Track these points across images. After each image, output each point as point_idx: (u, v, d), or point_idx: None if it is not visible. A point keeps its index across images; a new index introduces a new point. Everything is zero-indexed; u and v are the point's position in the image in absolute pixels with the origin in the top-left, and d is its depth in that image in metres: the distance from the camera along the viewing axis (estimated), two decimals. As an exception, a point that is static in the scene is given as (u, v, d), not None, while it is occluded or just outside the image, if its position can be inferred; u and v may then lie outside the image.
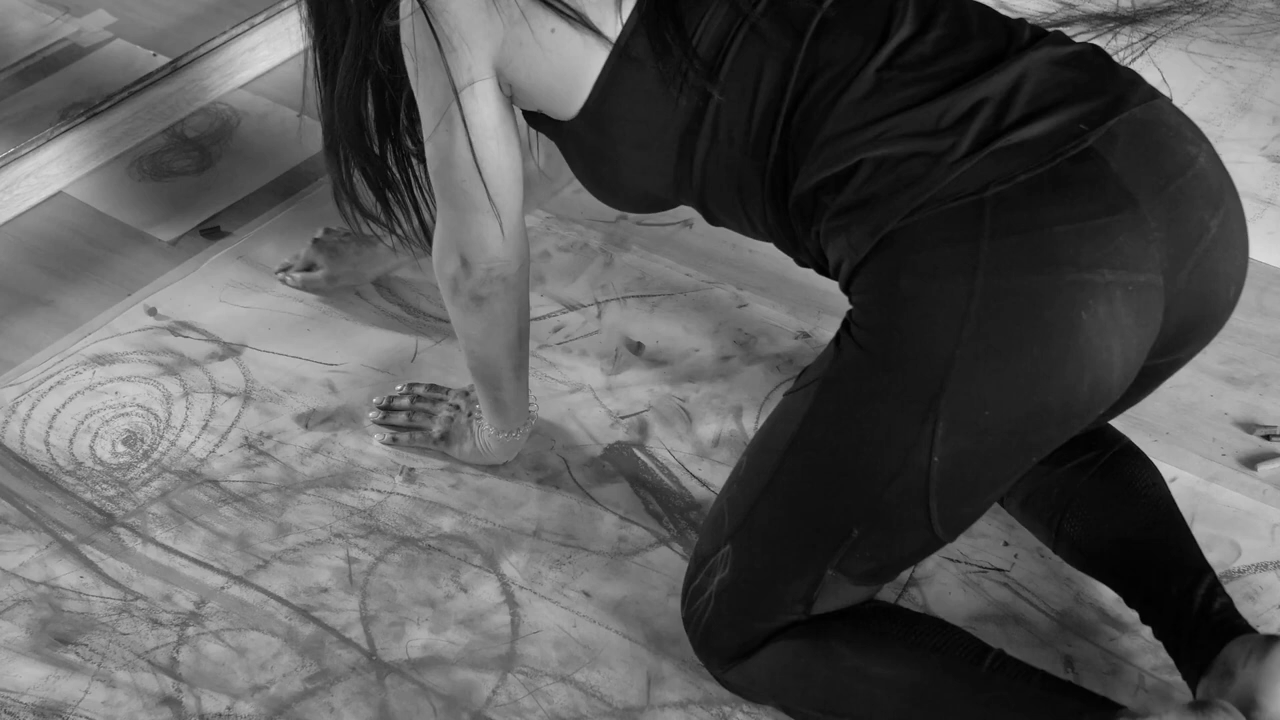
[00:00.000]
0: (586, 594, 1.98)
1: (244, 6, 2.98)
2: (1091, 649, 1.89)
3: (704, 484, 2.10)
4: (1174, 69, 2.78)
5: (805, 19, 1.66)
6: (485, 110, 1.76)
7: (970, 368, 1.54)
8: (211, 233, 2.55)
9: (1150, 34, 2.87)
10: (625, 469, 2.13)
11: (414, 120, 1.86)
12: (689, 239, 2.46)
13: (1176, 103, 2.68)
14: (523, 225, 1.88)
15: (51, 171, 2.64)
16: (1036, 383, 1.54)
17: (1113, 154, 1.57)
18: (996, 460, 1.60)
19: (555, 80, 1.73)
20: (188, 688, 1.89)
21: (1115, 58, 1.67)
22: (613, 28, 1.70)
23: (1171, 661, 1.78)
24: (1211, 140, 1.69)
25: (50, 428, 2.22)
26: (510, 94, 1.78)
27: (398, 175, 1.94)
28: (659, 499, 2.09)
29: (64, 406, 2.25)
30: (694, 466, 2.12)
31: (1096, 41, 2.86)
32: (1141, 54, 2.82)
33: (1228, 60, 2.80)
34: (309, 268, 2.38)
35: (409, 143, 1.91)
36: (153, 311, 2.39)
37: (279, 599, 1.99)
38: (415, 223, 1.98)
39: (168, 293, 2.43)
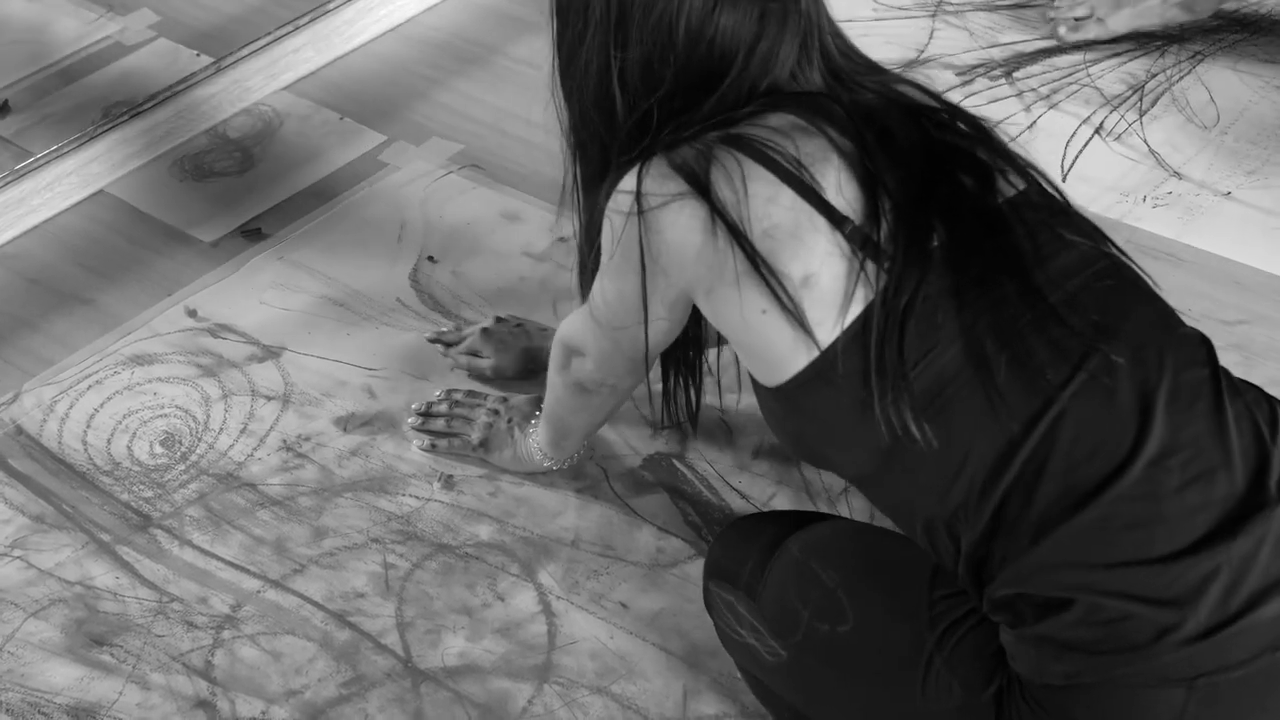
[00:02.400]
0: (624, 605, 1.96)
1: (288, 8, 2.97)
2: None
3: (744, 496, 2.08)
4: (1221, 88, 2.76)
5: (1044, 404, 1.47)
6: (664, 318, 1.67)
7: None
8: (253, 234, 2.55)
9: (1198, 52, 2.85)
10: (664, 480, 2.12)
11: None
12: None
13: (1222, 124, 2.68)
14: (654, 363, 1.79)
15: (93, 170, 2.64)
16: None
17: None
18: None
19: (750, 352, 1.58)
20: (222, 691, 1.89)
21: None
22: (829, 330, 1.51)
23: None
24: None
25: (88, 427, 2.22)
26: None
27: None
28: (698, 510, 2.07)
29: (102, 406, 2.25)
30: (734, 479, 2.11)
31: (1143, 55, 2.84)
32: (1189, 72, 2.80)
33: (1276, 80, 2.78)
34: (473, 353, 2.26)
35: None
36: (193, 313, 2.39)
37: (315, 603, 1.98)
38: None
39: (208, 294, 2.43)
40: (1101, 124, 2.70)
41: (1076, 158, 2.63)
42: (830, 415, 1.55)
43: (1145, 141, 2.66)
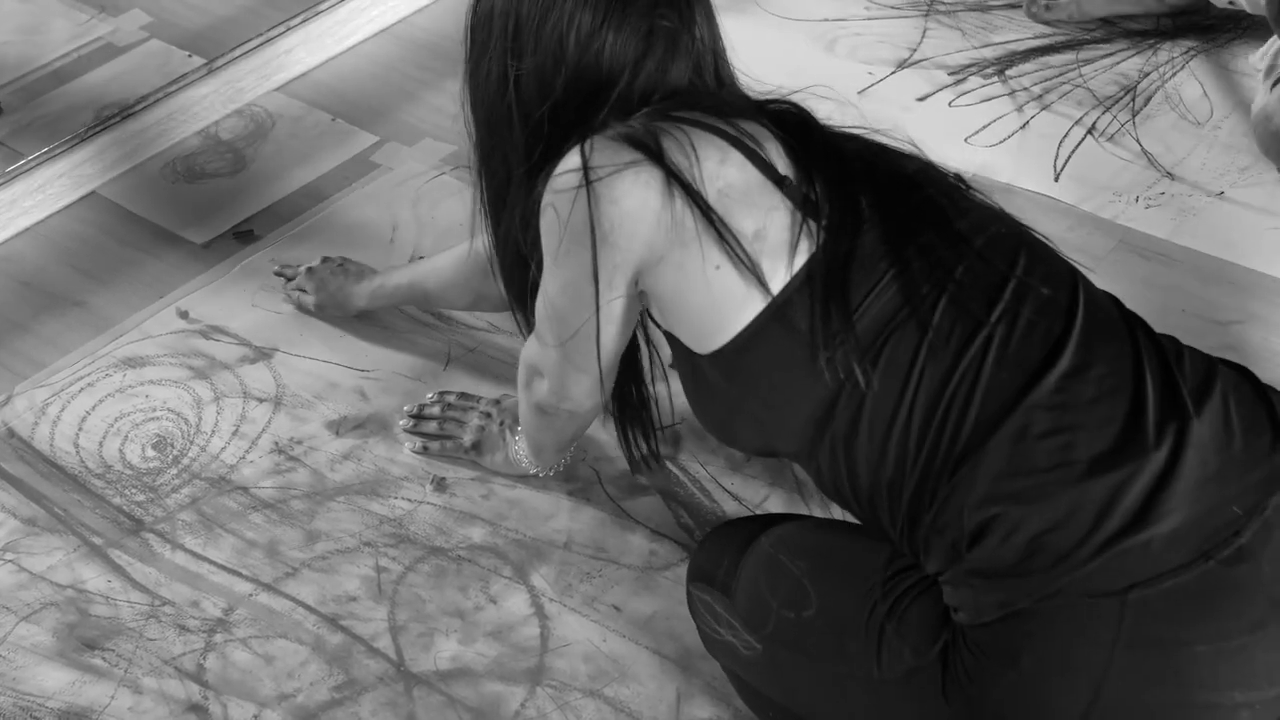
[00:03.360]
0: (617, 608, 1.96)
1: (280, 8, 2.97)
2: None
3: (736, 498, 2.08)
4: (1214, 84, 2.76)
5: (972, 331, 1.54)
6: (615, 302, 1.67)
7: None
8: (244, 236, 2.54)
9: (1191, 49, 2.85)
10: (657, 482, 2.11)
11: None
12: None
13: (1215, 118, 2.67)
14: (611, 383, 1.80)
15: (85, 171, 2.63)
16: None
17: (1266, 551, 1.45)
18: None
19: (698, 314, 1.61)
20: (214, 695, 1.88)
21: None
22: (780, 279, 1.57)
23: None
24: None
25: (80, 430, 2.21)
26: (644, 299, 1.68)
27: None
28: (691, 513, 2.07)
29: (94, 409, 2.24)
30: (726, 480, 2.11)
31: (1136, 55, 2.84)
32: (1182, 68, 2.80)
33: (1269, 78, 2.78)
34: (301, 290, 2.38)
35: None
36: (184, 314, 2.39)
37: (307, 607, 1.98)
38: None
39: (200, 295, 2.42)
40: (1094, 124, 2.70)
41: (1069, 158, 2.63)
42: (774, 367, 1.60)
43: (1138, 141, 2.66)
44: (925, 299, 1.55)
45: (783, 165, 1.60)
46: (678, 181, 1.57)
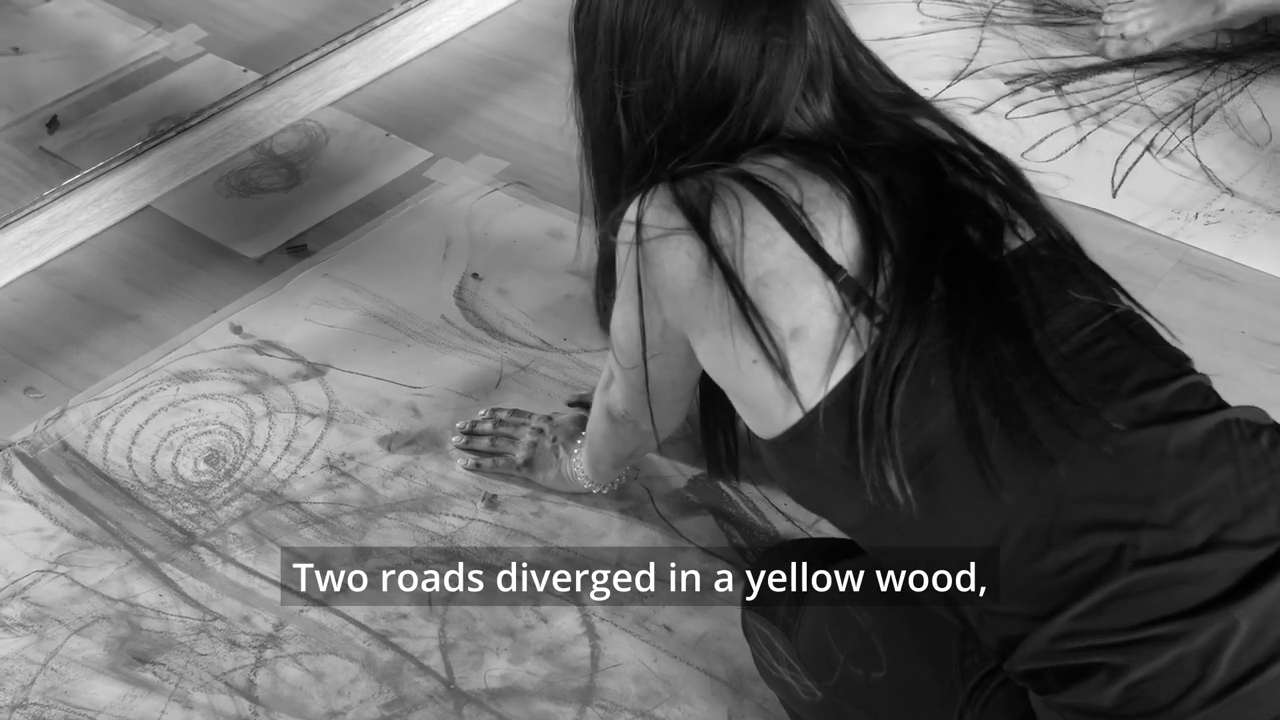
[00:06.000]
0: (668, 628, 1.95)
1: (335, 23, 2.98)
2: None
3: (788, 518, 2.07)
4: (1273, 106, 2.73)
5: (1039, 475, 1.43)
6: (660, 351, 1.64)
7: None
8: (298, 250, 2.55)
9: (1250, 70, 2.82)
10: (709, 501, 2.10)
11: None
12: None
13: (1276, 140, 2.64)
14: (668, 426, 1.80)
15: (140, 186, 2.64)
16: None
17: None
18: None
19: (744, 402, 1.56)
20: (264, 711, 1.88)
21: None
22: (815, 387, 1.48)
23: None
24: None
25: (133, 443, 2.22)
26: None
27: None
28: (743, 533, 2.06)
29: (147, 422, 2.25)
30: (779, 500, 2.09)
31: (1194, 74, 2.82)
32: (1240, 90, 2.77)
33: (1330, 97, 2.75)
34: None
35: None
36: (238, 329, 2.39)
37: (357, 624, 1.97)
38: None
39: (253, 310, 2.43)
40: (1152, 141, 2.67)
41: (1126, 175, 2.61)
42: (821, 471, 1.53)
43: (1197, 157, 2.63)
44: (982, 429, 1.44)
45: (844, 251, 1.49)
46: (717, 260, 1.50)
